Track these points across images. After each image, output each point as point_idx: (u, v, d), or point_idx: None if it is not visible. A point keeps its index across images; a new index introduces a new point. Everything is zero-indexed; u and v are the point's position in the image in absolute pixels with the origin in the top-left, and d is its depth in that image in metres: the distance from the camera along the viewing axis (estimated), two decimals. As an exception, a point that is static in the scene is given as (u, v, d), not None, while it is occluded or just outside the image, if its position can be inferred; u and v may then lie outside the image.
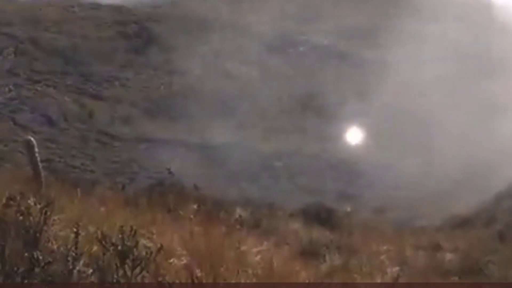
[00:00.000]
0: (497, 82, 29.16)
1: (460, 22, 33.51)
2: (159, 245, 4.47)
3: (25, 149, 8.94)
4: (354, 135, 29.22)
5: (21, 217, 4.82)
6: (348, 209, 20.16)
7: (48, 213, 4.94)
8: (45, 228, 4.86)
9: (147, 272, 4.35)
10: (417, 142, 27.70)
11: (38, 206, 5.01)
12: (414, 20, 33.35)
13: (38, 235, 4.74)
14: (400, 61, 30.35)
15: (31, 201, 5.11)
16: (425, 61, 31.35)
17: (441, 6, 36.07)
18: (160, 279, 4.24)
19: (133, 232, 4.34)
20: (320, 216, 15.46)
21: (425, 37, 32.90)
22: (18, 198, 5.16)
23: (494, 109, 27.83)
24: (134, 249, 4.27)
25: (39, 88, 31.12)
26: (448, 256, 10.91)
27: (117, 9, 38.25)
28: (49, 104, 29.87)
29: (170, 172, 21.22)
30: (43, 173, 8.68)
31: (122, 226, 4.41)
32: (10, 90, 30.81)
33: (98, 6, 37.84)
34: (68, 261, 4.23)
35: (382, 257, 9.76)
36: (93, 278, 4.22)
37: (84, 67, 32.72)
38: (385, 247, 10.59)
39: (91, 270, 4.31)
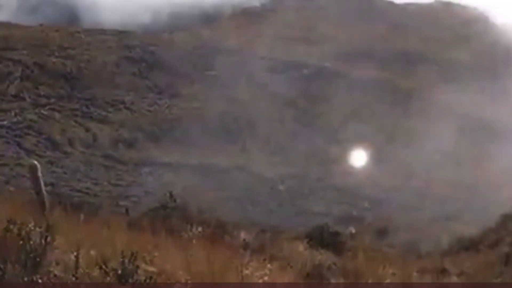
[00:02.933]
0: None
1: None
2: (160, 269, 4.38)
3: (29, 173, 8.87)
4: (358, 158, 29.18)
5: (21, 241, 4.74)
6: (353, 230, 20.01)
7: (50, 237, 4.86)
8: (46, 252, 4.77)
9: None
10: (421, 165, 27.69)
11: (39, 230, 4.93)
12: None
13: (38, 259, 4.65)
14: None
15: (31, 225, 5.03)
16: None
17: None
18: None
19: (134, 256, 4.26)
20: (325, 239, 15.30)
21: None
22: (19, 222, 5.08)
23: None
24: (135, 273, 4.18)
25: (44, 112, 31.12)
26: (454, 279, 10.74)
27: (122, 33, 38.37)
28: (54, 128, 29.86)
29: (172, 196, 21.17)
30: (46, 197, 8.61)
31: (123, 251, 4.33)
32: (15, 114, 30.82)
33: (103, 31, 37.98)
34: (68, 285, 4.14)
35: (388, 281, 9.62)
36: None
37: (89, 91, 32.75)
38: (390, 271, 10.45)
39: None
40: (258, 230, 17.78)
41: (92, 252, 5.27)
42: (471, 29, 39.35)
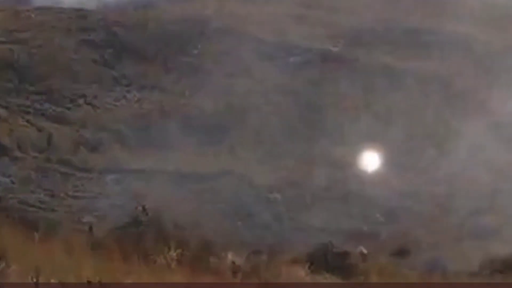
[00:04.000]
0: None
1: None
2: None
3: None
4: (369, 160, 29.28)
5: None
6: (364, 251, 20.12)
7: (2, 264, 4.94)
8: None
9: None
10: (448, 168, 27.82)
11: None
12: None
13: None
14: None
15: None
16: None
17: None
18: None
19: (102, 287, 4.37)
20: (330, 261, 15.37)
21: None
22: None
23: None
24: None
25: (-13, 110, 31.13)
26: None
27: (80, 11, 38.37)
28: (0, 128, 29.87)
29: (145, 209, 21.24)
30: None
31: (89, 280, 4.43)
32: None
33: (59, 10, 37.98)
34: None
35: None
36: None
37: (42, 83, 32.78)
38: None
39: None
40: (250, 250, 17.88)
41: (53, 281, 5.33)
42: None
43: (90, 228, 20.51)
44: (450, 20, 36.82)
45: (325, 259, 15.00)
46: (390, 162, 28.47)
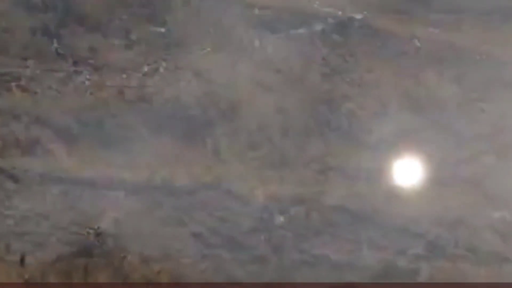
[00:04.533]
0: None
1: None
2: None
3: None
4: (405, 170, 28.36)
5: None
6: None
7: None
8: None
9: None
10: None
11: None
12: None
13: None
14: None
15: None
16: None
17: None
18: None
19: None
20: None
21: None
22: None
23: None
24: None
25: None
26: None
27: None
28: None
29: (99, 234, 21.06)
30: None
31: None
32: None
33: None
34: None
35: None
36: None
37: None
38: None
39: None
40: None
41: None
42: None
43: (22, 259, 20.58)
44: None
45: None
46: (435, 172, 27.57)
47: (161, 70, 33.72)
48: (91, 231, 20.89)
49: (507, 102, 26.68)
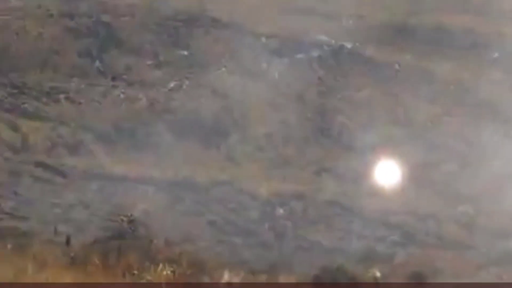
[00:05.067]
0: None
1: None
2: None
3: None
4: (387, 173, 29.10)
5: None
6: (378, 274, 20.05)
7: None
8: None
9: None
10: (475, 186, 27.55)
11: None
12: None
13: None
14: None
15: None
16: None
17: None
18: None
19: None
20: (338, 285, 15.42)
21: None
22: None
23: None
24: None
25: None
26: None
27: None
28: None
29: (131, 221, 21.21)
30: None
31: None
32: None
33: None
34: None
35: None
36: None
37: (18, 75, 32.74)
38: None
39: None
40: (248, 270, 17.88)
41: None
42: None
43: (68, 240, 20.46)
44: (481, 17, 36.66)
45: (334, 283, 14.97)
46: (412, 175, 28.34)
47: (184, 87, 34.56)
48: (124, 219, 21.54)
49: (468, 118, 27.19)
